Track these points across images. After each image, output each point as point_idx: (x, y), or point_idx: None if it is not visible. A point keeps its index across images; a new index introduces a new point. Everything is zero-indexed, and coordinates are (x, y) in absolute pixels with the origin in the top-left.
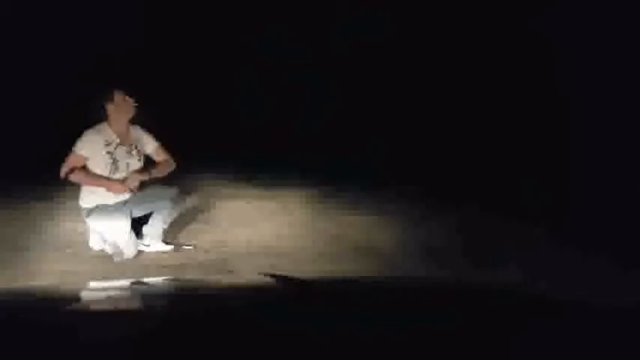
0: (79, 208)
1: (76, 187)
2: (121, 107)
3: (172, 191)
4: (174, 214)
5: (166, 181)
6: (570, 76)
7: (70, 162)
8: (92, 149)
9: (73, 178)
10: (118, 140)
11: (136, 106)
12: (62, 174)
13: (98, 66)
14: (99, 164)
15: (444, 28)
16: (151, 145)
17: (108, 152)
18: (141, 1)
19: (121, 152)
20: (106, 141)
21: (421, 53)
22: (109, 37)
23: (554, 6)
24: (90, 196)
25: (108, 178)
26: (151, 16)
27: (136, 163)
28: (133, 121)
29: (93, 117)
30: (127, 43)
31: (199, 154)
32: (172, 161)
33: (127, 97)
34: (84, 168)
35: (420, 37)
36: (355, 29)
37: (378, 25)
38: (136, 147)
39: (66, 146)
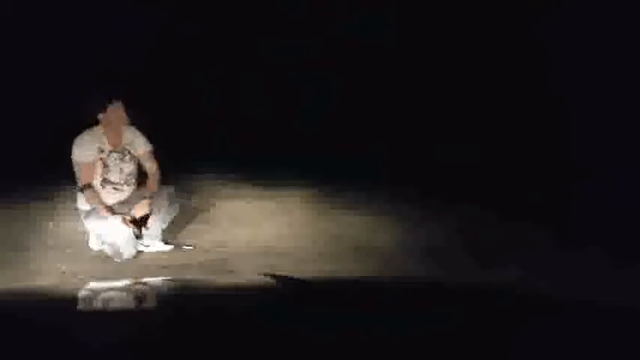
0: (75, 209)
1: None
2: (113, 119)
3: (169, 190)
4: (173, 214)
5: (164, 179)
6: (571, 76)
7: (85, 174)
8: (92, 156)
9: (86, 195)
10: (111, 147)
11: (129, 117)
12: (79, 188)
13: (99, 66)
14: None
15: (444, 28)
16: (142, 149)
17: (101, 159)
18: (141, 1)
19: (113, 159)
20: (99, 148)
21: (421, 53)
22: (109, 37)
23: (557, 7)
24: None
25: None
26: (152, 15)
27: (129, 167)
28: (130, 123)
29: (91, 119)
30: (127, 43)
31: (199, 154)
32: (158, 173)
33: (119, 110)
34: (90, 186)
35: (420, 37)
36: (355, 29)
37: (378, 25)
38: (129, 152)
39: (66, 147)
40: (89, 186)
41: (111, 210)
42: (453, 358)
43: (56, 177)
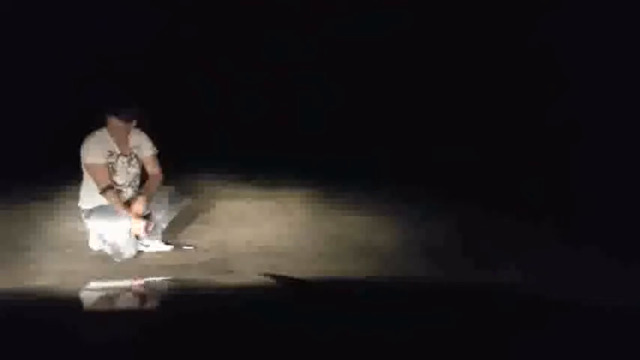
0: (78, 209)
1: (77, 187)
2: (118, 128)
3: (170, 190)
4: (173, 214)
5: (164, 180)
6: (571, 75)
7: (102, 177)
8: (103, 157)
9: (108, 197)
10: (119, 151)
11: (136, 123)
12: (99, 191)
13: (99, 66)
14: None
15: (444, 28)
16: (146, 152)
17: (110, 162)
18: (142, 1)
19: (121, 162)
20: (109, 152)
21: (422, 53)
22: (110, 37)
23: (557, 6)
24: (89, 198)
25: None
26: (152, 15)
27: (135, 170)
28: (136, 125)
29: (93, 119)
30: (128, 42)
31: (199, 154)
32: (160, 176)
33: (126, 121)
34: (111, 187)
35: (420, 36)
36: (355, 29)
37: (378, 25)
38: (136, 155)
39: (66, 146)
40: (110, 187)
41: (128, 208)
42: (452, 358)
43: (56, 177)
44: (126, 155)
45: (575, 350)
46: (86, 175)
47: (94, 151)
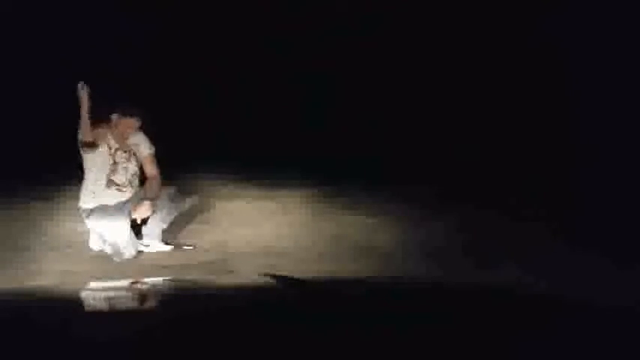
0: (78, 209)
1: (77, 188)
2: (122, 126)
3: (171, 191)
4: (174, 214)
5: (163, 180)
6: (571, 74)
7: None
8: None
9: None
10: (117, 146)
11: (140, 123)
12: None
13: (99, 65)
14: (98, 161)
15: (444, 28)
16: (144, 151)
17: (110, 154)
18: (143, 4)
19: (119, 157)
20: (108, 146)
21: (422, 53)
22: (110, 38)
23: (557, 6)
24: (90, 197)
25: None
26: (152, 15)
27: (134, 167)
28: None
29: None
30: (129, 42)
31: (199, 154)
32: (158, 177)
33: (132, 121)
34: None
35: (420, 36)
36: (355, 29)
37: (378, 25)
38: (134, 153)
39: (66, 147)
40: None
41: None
42: (453, 358)
43: (56, 177)
44: (125, 151)
45: (575, 350)
46: (86, 175)
47: (93, 133)
